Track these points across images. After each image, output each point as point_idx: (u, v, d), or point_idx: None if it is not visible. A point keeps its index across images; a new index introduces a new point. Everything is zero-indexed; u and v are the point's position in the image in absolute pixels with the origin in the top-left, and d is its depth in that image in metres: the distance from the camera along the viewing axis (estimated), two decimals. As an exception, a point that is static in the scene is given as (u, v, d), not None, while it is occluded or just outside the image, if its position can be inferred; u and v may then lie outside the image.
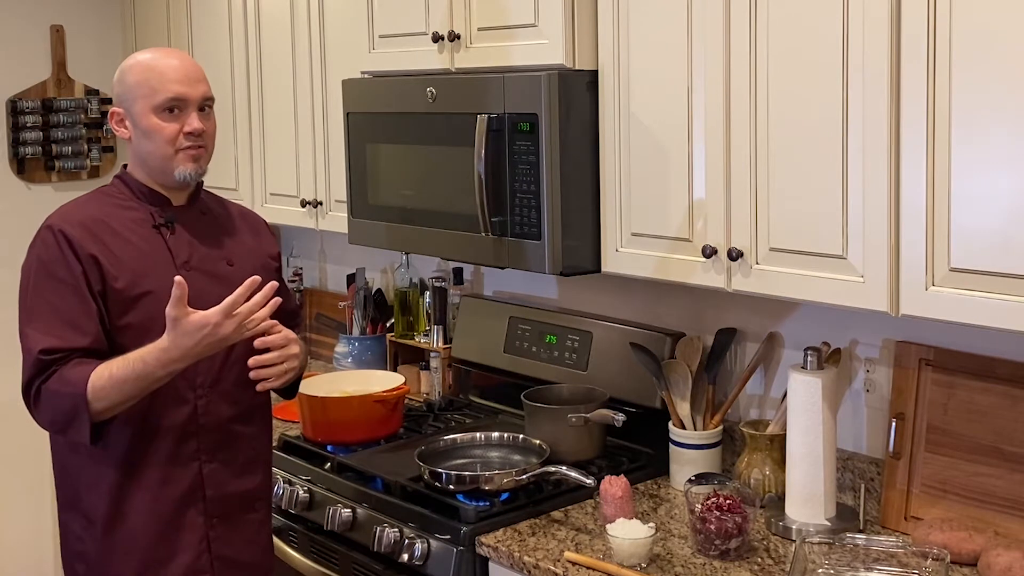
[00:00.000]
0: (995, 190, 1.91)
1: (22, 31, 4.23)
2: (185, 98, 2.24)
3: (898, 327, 2.42)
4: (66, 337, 2.16)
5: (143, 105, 2.24)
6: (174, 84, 2.23)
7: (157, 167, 2.28)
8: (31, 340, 2.17)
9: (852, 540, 2.19)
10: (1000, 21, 1.87)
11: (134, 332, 2.20)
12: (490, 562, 2.44)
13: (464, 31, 2.74)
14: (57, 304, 2.18)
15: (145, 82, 2.24)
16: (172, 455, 2.25)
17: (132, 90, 2.25)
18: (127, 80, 2.27)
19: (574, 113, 2.53)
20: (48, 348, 2.15)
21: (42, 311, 2.19)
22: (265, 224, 2.55)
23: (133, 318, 2.20)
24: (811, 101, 2.14)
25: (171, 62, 2.26)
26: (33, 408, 2.20)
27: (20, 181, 4.24)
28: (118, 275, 2.20)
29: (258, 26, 3.57)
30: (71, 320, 2.17)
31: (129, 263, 2.22)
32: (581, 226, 2.57)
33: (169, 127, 2.24)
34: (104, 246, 2.21)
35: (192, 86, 2.25)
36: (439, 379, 3.41)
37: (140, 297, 2.21)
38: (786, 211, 2.21)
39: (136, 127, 2.26)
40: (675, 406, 2.70)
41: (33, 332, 2.18)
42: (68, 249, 2.18)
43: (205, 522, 2.29)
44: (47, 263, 2.20)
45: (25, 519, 4.30)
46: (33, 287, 2.21)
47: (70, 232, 2.20)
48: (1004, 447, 2.26)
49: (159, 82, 2.23)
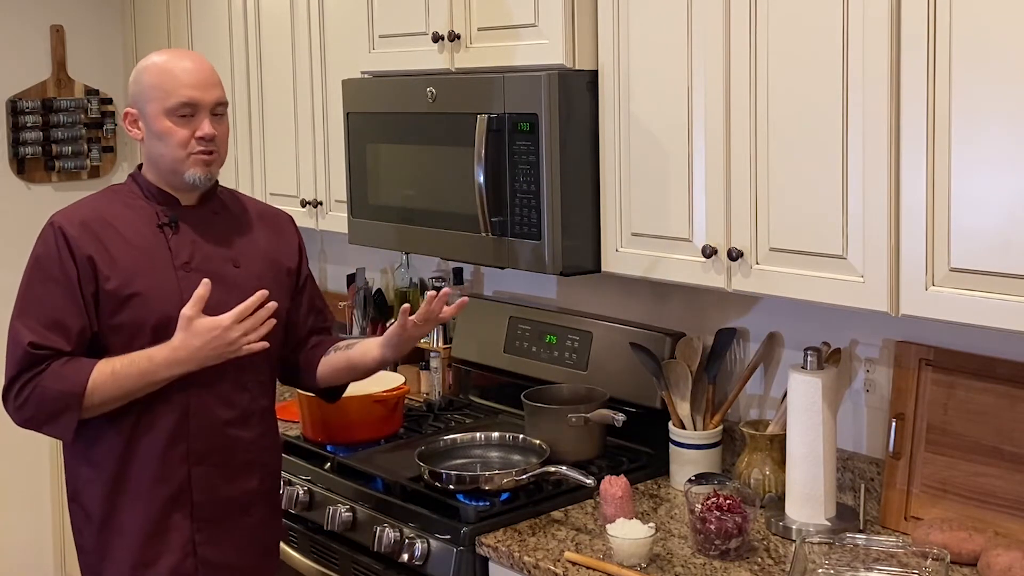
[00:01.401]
0: (995, 190, 1.90)
1: (22, 31, 4.23)
2: (197, 102, 2.24)
3: (898, 327, 2.42)
4: (51, 337, 2.18)
5: (156, 107, 2.24)
6: (187, 88, 2.23)
7: (168, 169, 2.28)
8: (20, 333, 2.19)
9: (852, 540, 2.19)
10: (1000, 21, 1.87)
11: (125, 332, 2.21)
12: (490, 562, 2.44)
13: (464, 31, 2.74)
14: (47, 302, 2.20)
15: (159, 84, 2.24)
16: (162, 456, 2.25)
17: (146, 91, 2.25)
18: (142, 81, 2.27)
19: (574, 113, 2.53)
20: (36, 343, 2.17)
21: (33, 307, 2.21)
22: (290, 221, 2.53)
23: (124, 318, 2.21)
24: (811, 101, 2.14)
25: (186, 65, 2.26)
26: (13, 401, 2.21)
27: (20, 181, 4.25)
28: (110, 275, 2.20)
29: (258, 26, 3.58)
30: (58, 320, 2.19)
31: (124, 263, 2.22)
32: (581, 226, 2.57)
33: (181, 131, 2.24)
34: (101, 245, 2.21)
35: (205, 91, 2.25)
36: (439, 379, 3.41)
37: (131, 297, 2.21)
38: (786, 211, 2.21)
39: (148, 128, 2.27)
40: (675, 406, 2.70)
41: (22, 326, 2.20)
42: (65, 249, 2.20)
43: (192, 525, 2.28)
44: (44, 260, 2.22)
45: (25, 519, 4.31)
46: (28, 282, 2.24)
47: (69, 231, 2.21)
48: (1004, 447, 2.26)
49: (172, 85, 2.23)
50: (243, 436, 2.33)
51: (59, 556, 4.36)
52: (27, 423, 2.24)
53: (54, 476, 4.29)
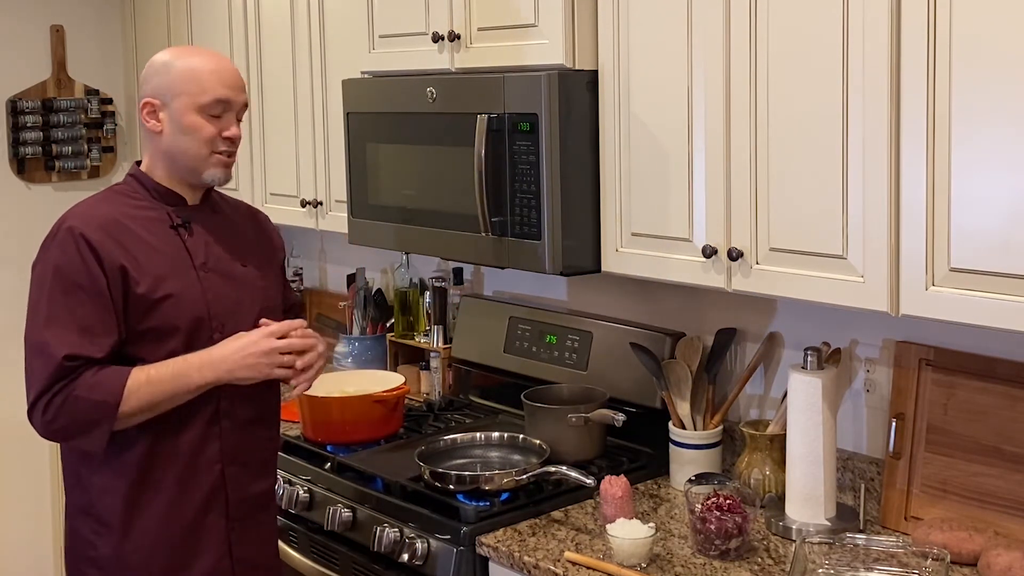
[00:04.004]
0: (995, 190, 1.90)
1: (22, 31, 4.23)
2: (231, 102, 2.24)
3: (898, 327, 2.42)
4: (85, 346, 2.12)
5: (187, 101, 2.21)
6: (223, 87, 2.22)
7: (187, 165, 2.25)
8: (52, 346, 2.11)
9: (852, 540, 2.19)
10: (1000, 21, 1.87)
11: (154, 335, 2.17)
12: (490, 562, 2.44)
13: (464, 31, 2.74)
14: (77, 311, 2.13)
15: (194, 79, 2.21)
16: (194, 458, 2.23)
17: (176, 84, 2.21)
18: (171, 73, 2.22)
19: (574, 113, 2.53)
20: (72, 355, 2.11)
21: (61, 317, 2.13)
22: (268, 219, 2.55)
23: (154, 321, 2.18)
24: (811, 101, 2.14)
25: (222, 64, 2.26)
26: (42, 415, 2.13)
27: (20, 181, 4.25)
28: (140, 279, 2.16)
29: (258, 26, 3.58)
30: (90, 328, 2.12)
31: (151, 267, 2.19)
32: (581, 226, 2.57)
33: (209, 127, 2.22)
34: (127, 251, 2.17)
35: (237, 92, 2.26)
36: (439, 379, 3.41)
37: (161, 300, 2.18)
38: (786, 211, 2.21)
39: (172, 121, 2.23)
40: (675, 406, 2.70)
41: (52, 338, 2.12)
42: (91, 256, 2.14)
43: (227, 525, 2.28)
44: (67, 268, 2.14)
45: (25, 519, 4.30)
46: (51, 292, 2.15)
47: (92, 237, 2.15)
48: (1004, 447, 2.26)
49: (209, 82, 2.21)
50: (264, 434, 2.36)
51: (59, 557, 4.36)
52: (56, 435, 2.18)
53: (54, 476, 4.28)
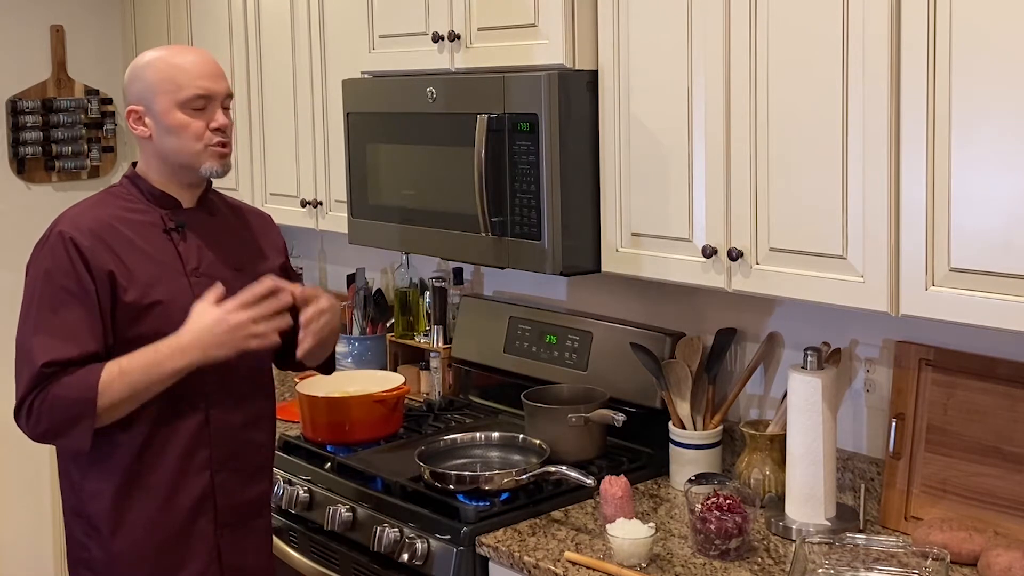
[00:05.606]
0: (995, 190, 1.90)
1: (22, 31, 4.23)
2: (211, 94, 2.21)
3: (898, 327, 2.42)
4: (67, 349, 2.11)
5: (167, 101, 2.19)
6: (200, 80, 2.20)
7: (182, 164, 2.23)
8: (34, 353, 2.11)
9: (852, 540, 2.19)
10: (1000, 22, 1.87)
11: (144, 342, 2.14)
12: (490, 562, 2.44)
13: (464, 31, 2.74)
14: (65, 316, 2.12)
15: (169, 78, 2.19)
16: (183, 464, 2.22)
17: (153, 86, 2.20)
18: (147, 77, 2.21)
19: (574, 113, 2.53)
20: (49, 361, 2.10)
21: (49, 323, 2.12)
22: (271, 220, 2.52)
23: (144, 328, 2.16)
24: (811, 101, 2.14)
25: (193, 57, 2.23)
26: (27, 418, 2.13)
27: (20, 181, 4.25)
28: (129, 286, 2.15)
29: (258, 26, 3.58)
30: (75, 334, 2.11)
31: (141, 273, 2.17)
32: (581, 226, 2.57)
33: (196, 123, 2.20)
34: (116, 257, 2.16)
35: (217, 82, 2.22)
36: (439, 379, 3.41)
37: (150, 307, 2.17)
38: (786, 211, 2.21)
39: (158, 124, 2.21)
40: (675, 406, 2.70)
41: (37, 345, 2.11)
42: (80, 262, 2.13)
43: (215, 531, 2.27)
44: (56, 274, 2.14)
45: (25, 520, 4.30)
46: (40, 297, 2.14)
47: (82, 242, 2.14)
48: (1004, 447, 2.26)
49: (185, 78, 2.19)
50: (256, 440, 2.34)
51: (59, 558, 4.36)
52: (43, 437, 2.16)
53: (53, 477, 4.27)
